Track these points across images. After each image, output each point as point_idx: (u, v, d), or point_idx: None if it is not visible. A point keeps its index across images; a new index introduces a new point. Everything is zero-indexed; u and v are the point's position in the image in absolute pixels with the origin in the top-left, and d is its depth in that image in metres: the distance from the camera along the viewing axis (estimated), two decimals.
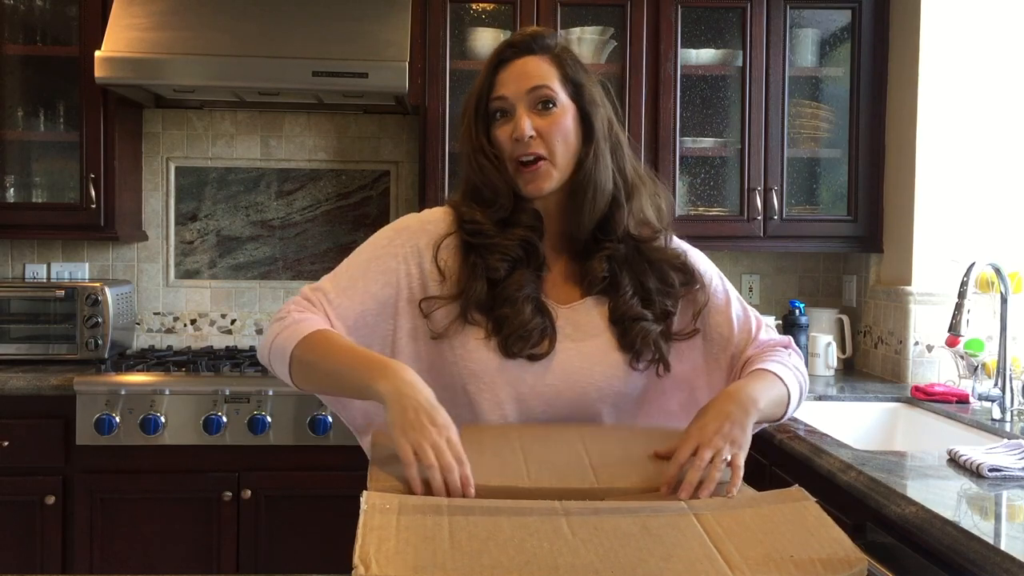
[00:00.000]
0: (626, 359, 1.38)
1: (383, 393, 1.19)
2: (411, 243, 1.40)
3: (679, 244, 1.48)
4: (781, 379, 1.36)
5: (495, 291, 1.35)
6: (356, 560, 0.90)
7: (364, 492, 1.05)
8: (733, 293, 1.48)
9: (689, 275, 1.43)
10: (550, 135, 1.34)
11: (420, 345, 1.40)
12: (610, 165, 1.39)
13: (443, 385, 1.35)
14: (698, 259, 1.47)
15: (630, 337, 1.37)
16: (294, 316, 1.34)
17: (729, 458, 1.22)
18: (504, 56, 1.38)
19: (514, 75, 1.36)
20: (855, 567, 0.94)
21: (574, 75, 1.38)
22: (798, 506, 1.08)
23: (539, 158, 1.34)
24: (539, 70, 1.36)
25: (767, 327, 1.49)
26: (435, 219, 1.42)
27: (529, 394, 1.36)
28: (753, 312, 1.49)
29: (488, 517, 1.01)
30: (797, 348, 1.48)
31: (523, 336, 1.33)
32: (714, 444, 1.22)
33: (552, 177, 1.35)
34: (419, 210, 1.48)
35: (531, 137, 1.33)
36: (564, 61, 1.38)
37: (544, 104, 1.35)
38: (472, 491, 1.13)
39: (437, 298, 1.37)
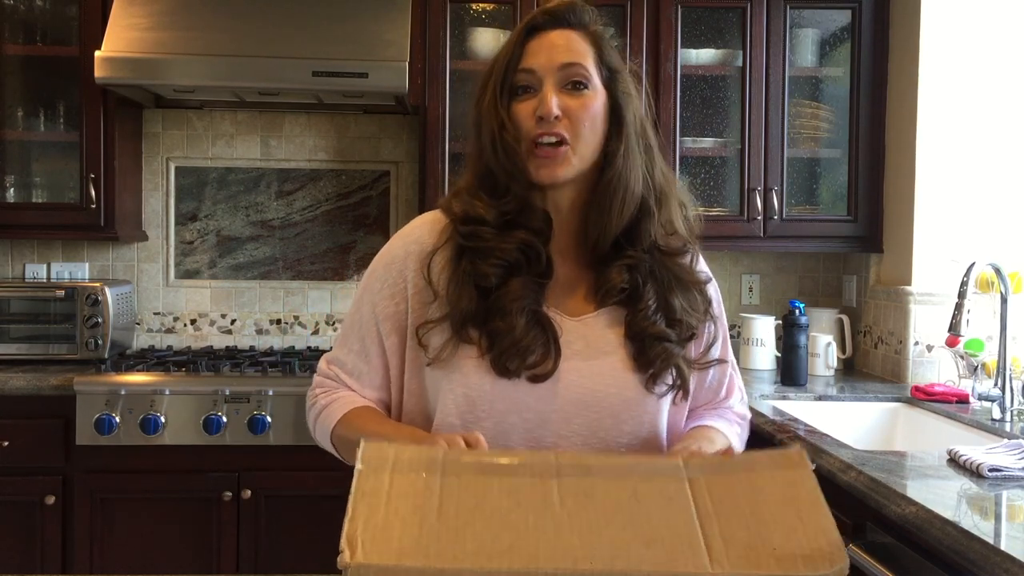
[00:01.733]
0: (642, 380, 1.23)
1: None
2: (401, 275, 1.27)
3: (704, 269, 1.35)
4: (726, 436, 1.33)
5: (488, 302, 1.21)
6: (343, 542, 0.90)
7: (362, 442, 0.99)
8: (729, 349, 1.39)
9: (709, 304, 1.31)
10: (578, 118, 1.20)
11: (414, 380, 1.28)
12: (641, 166, 1.25)
13: (437, 429, 1.25)
14: (715, 292, 1.35)
15: (649, 356, 1.23)
16: (320, 403, 1.31)
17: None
18: (536, 23, 1.23)
19: (546, 46, 1.21)
20: (835, 566, 0.94)
21: (609, 59, 1.25)
22: (793, 476, 1.04)
23: (560, 141, 1.20)
24: (574, 45, 1.22)
25: (743, 399, 1.43)
26: (421, 234, 1.29)
27: (536, 423, 1.22)
28: (737, 380, 1.43)
29: (480, 477, 0.99)
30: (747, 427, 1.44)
31: (518, 351, 1.18)
32: (684, 445, 1.21)
33: (570, 165, 1.21)
34: (419, 211, 1.42)
35: (557, 117, 1.19)
36: (601, 41, 1.25)
37: (575, 84, 1.21)
38: None
39: (428, 322, 1.23)
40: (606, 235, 1.24)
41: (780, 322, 3.04)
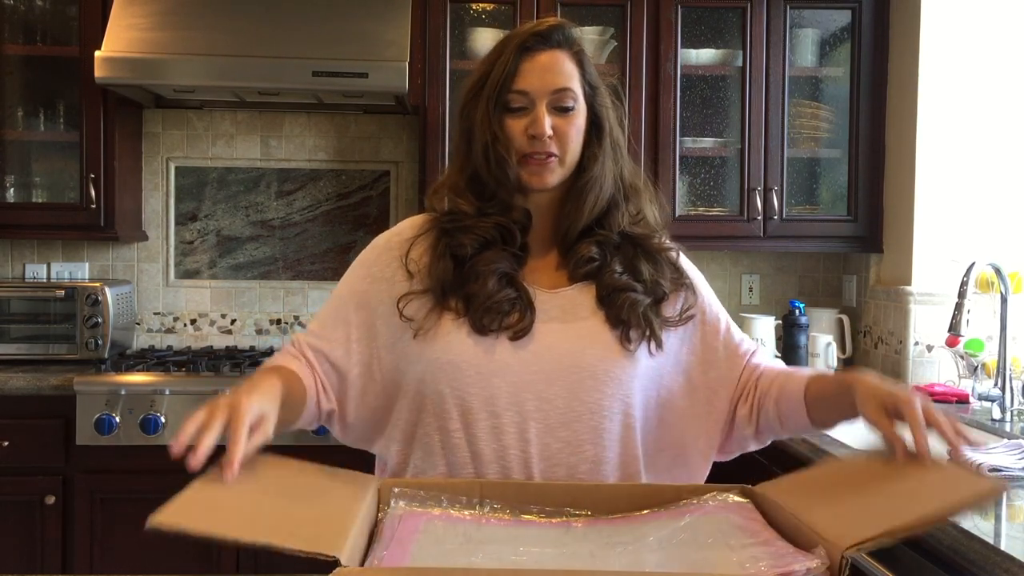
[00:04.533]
0: (617, 336, 1.33)
1: None
2: (380, 260, 1.41)
3: (672, 246, 1.45)
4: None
5: (464, 270, 1.33)
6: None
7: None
8: (723, 314, 1.45)
9: (679, 273, 1.41)
10: (565, 136, 1.33)
11: (399, 352, 1.36)
12: (613, 169, 1.38)
13: (429, 400, 1.32)
14: (689, 265, 1.45)
15: (616, 309, 1.33)
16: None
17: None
18: (529, 45, 1.34)
19: (539, 69, 1.33)
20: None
21: (591, 77, 1.38)
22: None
23: (550, 155, 1.33)
24: (564, 69, 1.34)
25: (763, 350, 1.47)
26: (403, 228, 1.44)
27: (519, 385, 1.30)
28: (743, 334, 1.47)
29: None
30: None
31: (491, 307, 1.29)
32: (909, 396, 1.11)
33: (557, 173, 1.34)
34: (419, 211, 1.49)
35: (549, 136, 1.32)
36: (584, 59, 1.37)
37: (564, 105, 1.34)
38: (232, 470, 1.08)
39: (409, 294, 1.35)
40: (575, 226, 1.38)
41: (780, 322, 3.04)
